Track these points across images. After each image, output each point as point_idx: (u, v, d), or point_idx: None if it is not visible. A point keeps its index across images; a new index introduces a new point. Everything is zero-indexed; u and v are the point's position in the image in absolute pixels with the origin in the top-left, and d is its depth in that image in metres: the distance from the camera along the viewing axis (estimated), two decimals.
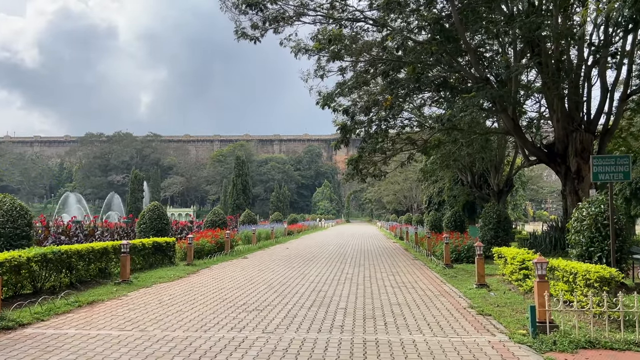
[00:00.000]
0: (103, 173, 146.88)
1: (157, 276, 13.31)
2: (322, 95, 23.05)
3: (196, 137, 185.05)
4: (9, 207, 11.79)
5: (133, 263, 14.58)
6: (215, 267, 16.08)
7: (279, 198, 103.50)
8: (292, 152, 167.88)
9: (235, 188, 71.78)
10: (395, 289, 11.58)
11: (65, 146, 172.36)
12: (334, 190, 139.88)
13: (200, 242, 19.39)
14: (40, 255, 9.64)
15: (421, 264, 17.64)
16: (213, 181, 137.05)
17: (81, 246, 11.33)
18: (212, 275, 14.08)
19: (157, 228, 20.27)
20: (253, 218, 37.36)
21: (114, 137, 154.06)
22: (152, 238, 16.75)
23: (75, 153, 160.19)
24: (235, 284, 12.32)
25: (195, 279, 13.27)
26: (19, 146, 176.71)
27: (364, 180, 25.82)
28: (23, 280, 9.41)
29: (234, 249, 21.70)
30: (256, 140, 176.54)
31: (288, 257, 20.27)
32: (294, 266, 16.68)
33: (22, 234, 11.80)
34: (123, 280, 11.74)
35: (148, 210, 20.63)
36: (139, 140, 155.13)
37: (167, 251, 16.71)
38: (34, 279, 9.80)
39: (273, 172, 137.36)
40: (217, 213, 29.43)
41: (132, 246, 14.03)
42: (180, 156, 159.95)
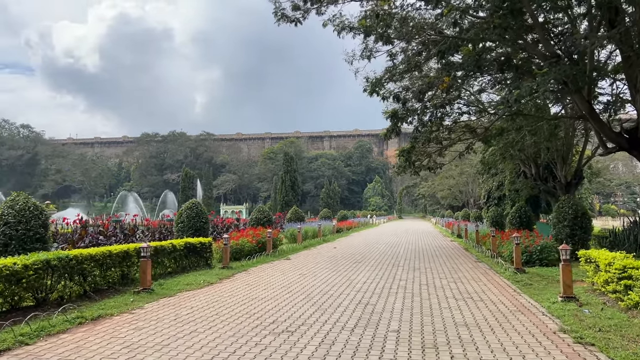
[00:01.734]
0: (159, 172, 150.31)
1: (186, 282, 11.87)
2: (369, 81, 21.11)
3: (248, 135, 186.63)
4: (22, 206, 10.64)
5: (162, 267, 13.27)
6: (252, 271, 14.54)
7: (329, 194, 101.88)
8: (342, 148, 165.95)
9: (284, 185, 70.70)
10: (460, 302, 9.57)
11: (123, 146, 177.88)
12: (385, 186, 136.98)
13: (239, 242, 17.96)
14: (41, 261, 8.32)
15: (486, 267, 15.43)
16: (264, 178, 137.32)
17: (95, 250, 10.00)
18: (246, 281, 12.51)
19: (195, 227, 18.98)
20: (300, 215, 35.87)
21: (168, 136, 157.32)
22: (185, 239, 15.40)
23: (133, 153, 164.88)
24: (269, 292, 10.67)
25: (226, 285, 11.73)
26: (80, 147, 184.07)
27: (417, 173, 23.64)
28: (21, 292, 8.10)
29: (277, 249, 20.17)
30: (306, 137, 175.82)
31: (334, 258, 18.51)
32: (339, 269, 14.89)
33: (35, 237, 10.62)
34: (143, 288, 10.33)
35: (186, 208, 19.39)
36: (193, 139, 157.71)
37: (202, 253, 15.32)
38: (37, 289, 8.49)
39: (323, 169, 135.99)
40: (262, 210, 28.04)
41: (159, 249, 12.69)
42: (233, 154, 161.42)
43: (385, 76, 20.87)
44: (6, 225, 10.39)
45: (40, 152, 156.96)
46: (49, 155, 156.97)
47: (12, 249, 10.30)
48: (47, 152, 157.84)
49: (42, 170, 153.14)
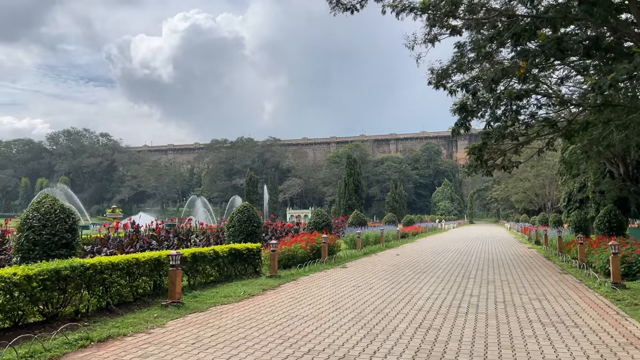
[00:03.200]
0: (227, 177, 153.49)
1: (224, 294, 10.61)
2: (434, 72, 19.24)
3: (313, 140, 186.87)
4: (47, 209, 9.80)
5: (203, 275, 12.15)
6: (302, 281, 13.11)
7: (395, 198, 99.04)
8: (409, 151, 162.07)
9: (347, 188, 69.06)
10: (549, 328, 7.61)
11: (195, 153, 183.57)
12: (455, 189, 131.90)
13: (292, 248, 16.63)
14: (49, 272, 7.29)
15: (574, 281, 13.12)
16: (329, 182, 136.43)
17: (119, 258, 8.93)
18: (292, 293, 11.08)
19: (246, 232, 17.86)
20: (362, 219, 34.17)
21: (236, 142, 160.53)
22: (231, 244, 14.26)
23: (203, 159, 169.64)
24: (314, 309, 9.16)
25: (268, 298, 10.35)
26: (155, 154, 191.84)
27: (490, 173, 21.33)
28: (24, 306, 7.09)
29: (334, 256, 18.67)
30: (372, 140, 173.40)
31: (396, 266, 16.73)
32: (399, 281, 13.14)
33: (61, 242, 9.74)
34: (172, 301, 9.14)
35: (237, 211, 18.34)
36: (260, 144, 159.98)
37: (249, 260, 14.11)
38: (46, 303, 7.47)
39: (389, 172, 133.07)
40: (320, 214, 26.65)
41: (198, 256, 11.54)
42: (298, 159, 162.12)
43: (452, 65, 18.95)
44: (30, 230, 9.57)
45: (118, 159, 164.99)
46: (126, 162, 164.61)
47: (35, 255, 9.46)
48: (123, 159, 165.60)
49: (119, 177, 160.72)
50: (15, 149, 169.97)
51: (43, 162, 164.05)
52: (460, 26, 17.33)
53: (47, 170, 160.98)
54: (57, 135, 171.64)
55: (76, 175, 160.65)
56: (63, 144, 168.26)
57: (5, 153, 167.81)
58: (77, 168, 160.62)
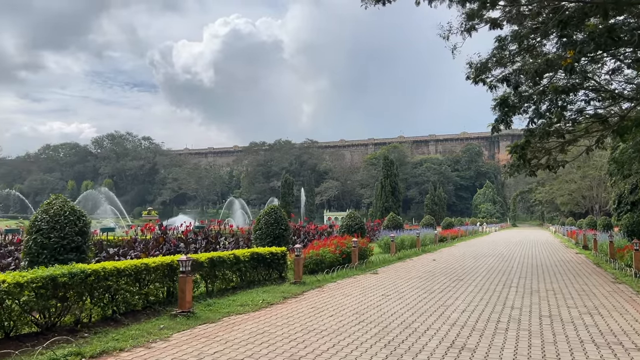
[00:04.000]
0: (265, 179, 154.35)
1: (241, 302, 9.92)
2: (473, 66, 18.13)
3: (351, 142, 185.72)
4: (56, 211, 9.36)
5: (224, 281, 11.51)
6: (328, 288, 12.29)
7: (434, 200, 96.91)
8: (449, 152, 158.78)
9: (384, 190, 67.69)
10: (604, 351, 6.53)
11: (234, 156, 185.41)
12: (497, 191, 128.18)
13: (320, 252, 15.81)
14: (43, 279, 6.74)
15: (630, 292, 11.79)
16: (367, 184, 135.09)
17: (125, 263, 8.35)
18: (315, 302, 10.28)
19: (273, 235, 17.24)
20: (398, 222, 33.05)
21: (274, 145, 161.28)
22: (254, 248, 13.59)
23: (242, 161, 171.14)
24: (335, 322, 8.33)
25: (288, 308, 9.58)
26: (195, 157, 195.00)
27: (533, 173, 19.96)
28: (15, 316, 6.55)
29: (365, 261, 17.75)
30: (410, 141, 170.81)
31: (431, 273, 15.69)
32: (433, 289, 12.14)
33: (70, 246, 9.28)
34: (181, 311, 8.49)
35: (264, 214, 17.72)
36: (297, 147, 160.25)
37: (273, 264, 13.40)
38: (41, 312, 6.93)
39: (428, 174, 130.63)
40: (353, 216, 25.79)
41: (217, 260, 10.90)
42: (335, 161, 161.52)
43: (491, 59, 17.80)
44: (38, 233, 9.16)
45: (159, 162, 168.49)
46: (167, 165, 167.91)
47: (43, 259, 9.04)
48: (165, 162, 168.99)
49: (161, 179, 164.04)
50: (63, 152, 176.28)
51: (88, 165, 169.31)
52: (500, 19, 16.24)
53: (92, 173, 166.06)
54: (102, 139, 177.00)
55: (120, 177, 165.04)
56: (107, 148, 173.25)
57: (53, 157, 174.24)
58: (120, 171, 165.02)
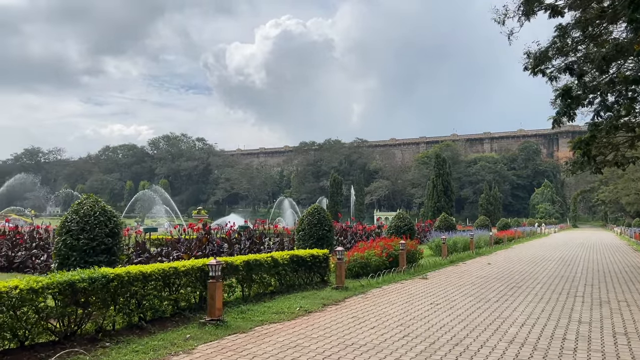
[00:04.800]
0: (315, 179, 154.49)
1: (277, 309, 9.29)
2: (531, 55, 16.83)
3: (402, 140, 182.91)
4: (86, 212, 9.03)
5: (261, 285, 10.94)
6: (372, 294, 11.48)
7: (489, 200, 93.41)
8: (505, 150, 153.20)
9: (436, 189, 65.63)
10: None
11: (284, 156, 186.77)
12: (556, 191, 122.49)
13: (365, 255, 14.99)
14: (60, 284, 6.32)
15: None
16: (418, 184, 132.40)
17: (152, 267, 7.88)
18: (356, 310, 9.51)
19: (317, 236, 16.63)
20: (451, 223, 31.67)
21: (324, 145, 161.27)
22: (295, 250, 12.97)
23: (292, 161, 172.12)
24: (376, 335, 7.54)
25: (326, 317, 8.86)
26: (247, 157, 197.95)
27: (599, 170, 18.33)
28: (31, 325, 6.14)
29: (414, 264, 16.77)
30: (464, 139, 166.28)
31: (485, 279, 14.55)
32: (488, 298, 11.09)
33: (99, 247, 8.93)
34: (211, 319, 7.92)
35: (307, 214, 17.12)
36: (347, 146, 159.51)
37: (314, 268, 12.73)
38: (60, 320, 6.52)
39: (483, 173, 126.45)
40: (402, 217, 24.78)
41: (253, 263, 10.32)
42: (386, 160, 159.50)
43: (552, 47, 16.46)
44: (68, 234, 8.87)
45: (213, 162, 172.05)
46: (220, 165, 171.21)
47: (72, 261, 8.74)
48: (218, 162, 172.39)
49: (214, 179, 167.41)
50: (121, 153, 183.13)
51: (145, 165, 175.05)
52: (561, 5, 14.92)
53: (149, 173, 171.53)
54: (158, 140, 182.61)
55: (175, 178, 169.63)
56: (163, 149, 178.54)
57: (112, 158, 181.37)
58: (175, 171, 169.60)
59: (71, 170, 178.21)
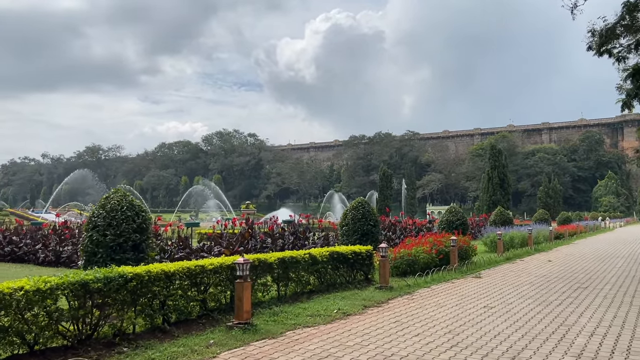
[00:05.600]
0: (365, 173, 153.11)
1: (313, 311, 8.59)
2: (596, 33, 15.35)
3: (455, 133, 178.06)
4: (113, 206, 8.62)
5: (299, 284, 10.29)
6: (420, 294, 10.58)
7: (548, 193, 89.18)
8: (565, 141, 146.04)
9: (491, 182, 62.95)
10: None
11: (334, 150, 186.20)
12: (621, 182, 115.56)
13: (413, 252, 14.05)
14: (72, 284, 5.86)
15: None
16: (472, 177, 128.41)
17: (176, 266, 7.34)
18: (399, 314, 8.66)
19: (361, 231, 15.82)
20: (507, 217, 29.99)
21: (374, 138, 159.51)
22: (334, 247, 12.23)
23: (342, 155, 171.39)
24: (420, 345, 6.68)
25: (366, 321, 8.08)
26: (297, 152, 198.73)
27: None
28: (40, 328, 5.69)
29: (467, 262, 15.66)
30: (520, 130, 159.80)
31: (546, 278, 13.30)
32: (550, 300, 9.95)
33: (126, 244, 8.51)
34: (238, 322, 7.30)
35: (351, 208, 16.34)
36: (398, 139, 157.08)
37: (357, 265, 11.96)
38: (74, 323, 6.06)
39: (541, 164, 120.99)
40: (454, 211, 23.55)
41: (289, 261, 9.67)
42: (438, 152, 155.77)
43: (620, 24, 14.97)
44: (95, 230, 8.49)
45: (264, 157, 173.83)
46: (271, 160, 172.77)
47: (98, 258, 8.36)
48: (269, 157, 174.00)
49: (266, 174, 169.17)
50: (176, 150, 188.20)
51: (199, 161, 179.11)
52: None
53: (203, 169, 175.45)
54: (211, 136, 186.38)
55: (228, 173, 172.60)
56: (216, 145, 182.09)
57: (168, 154, 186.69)
58: (228, 167, 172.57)
59: (130, 167, 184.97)
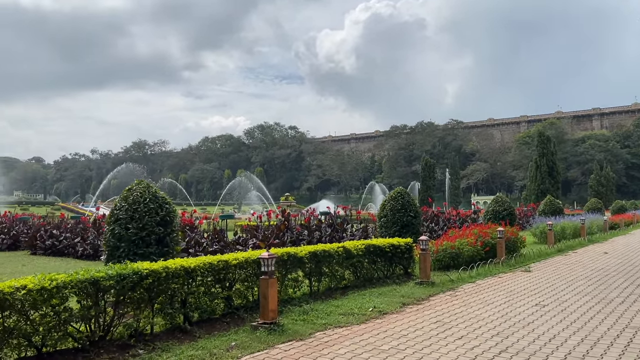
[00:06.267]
0: (407, 163, 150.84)
1: (346, 309, 7.97)
2: None
3: (500, 120, 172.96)
4: (136, 198, 8.23)
5: (333, 279, 9.71)
6: (463, 291, 9.79)
7: (600, 181, 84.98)
8: (617, 127, 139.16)
9: (539, 170, 60.29)
10: None
11: (375, 141, 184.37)
12: None
13: (456, 244, 13.20)
14: (81, 282, 5.45)
15: None
16: (519, 166, 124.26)
17: (197, 261, 6.85)
18: (441, 313, 7.93)
19: (401, 222, 15.06)
20: (557, 207, 28.38)
21: (416, 128, 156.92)
22: (371, 240, 11.56)
23: (383, 146, 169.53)
24: (463, 350, 5.96)
25: (403, 321, 7.39)
26: (337, 144, 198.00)
27: None
28: (46, 329, 5.29)
29: (515, 254, 14.66)
30: (569, 116, 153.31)
31: (603, 271, 12.20)
32: (610, 298, 8.97)
33: (149, 238, 8.11)
34: (263, 322, 6.76)
35: (390, 198, 15.60)
36: (441, 128, 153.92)
37: (395, 259, 11.26)
38: (86, 323, 5.67)
39: (592, 152, 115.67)
40: (501, 201, 22.38)
41: (321, 255, 9.07)
42: (483, 141, 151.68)
43: None
44: (117, 223, 8.13)
45: (305, 149, 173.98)
46: (312, 152, 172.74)
47: (120, 253, 8.00)
48: (309, 149, 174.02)
49: (306, 166, 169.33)
50: (219, 144, 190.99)
51: (242, 154, 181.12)
52: None
53: (245, 162, 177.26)
54: (253, 130, 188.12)
55: (269, 166, 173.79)
56: (258, 138, 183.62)
57: (211, 148, 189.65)
58: (270, 159, 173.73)
59: (175, 161, 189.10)
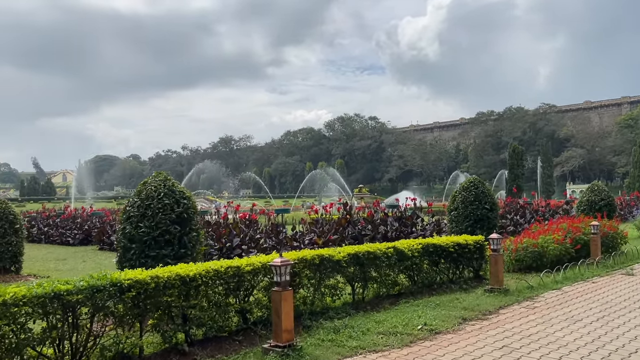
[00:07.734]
0: (495, 151, 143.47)
1: (389, 326, 6.49)
2: None
3: (598, 103, 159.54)
4: (149, 193, 7.26)
5: (384, 285, 8.26)
6: (544, 302, 7.92)
7: None
8: None
9: None
10: None
11: (460, 129, 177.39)
12: None
13: (539, 242, 11.15)
14: (39, 297, 4.47)
15: None
16: (621, 151, 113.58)
17: (201, 267, 5.67)
18: (509, 335, 6.22)
19: (474, 216, 13.10)
20: None
21: (504, 113, 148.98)
22: (430, 239, 9.90)
23: (468, 134, 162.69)
24: None
25: (458, 345, 5.79)
26: (420, 133, 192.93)
27: None
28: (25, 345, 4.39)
29: (614, 253, 12.28)
30: None
31: None
32: None
33: (163, 238, 7.09)
34: (276, 345, 5.46)
35: (461, 189, 13.68)
36: (531, 113, 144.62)
37: (463, 261, 9.55)
38: (53, 346, 4.71)
39: None
40: (598, 190, 19.43)
41: (366, 256, 7.65)
42: (579, 125, 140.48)
43: None
44: (128, 221, 7.20)
45: (385, 140, 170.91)
46: (392, 143, 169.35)
47: (132, 254, 7.05)
48: (390, 140, 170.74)
49: (387, 157, 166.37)
50: (301, 137, 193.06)
51: (322, 147, 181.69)
52: None
53: (326, 154, 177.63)
54: (333, 122, 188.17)
55: (350, 157, 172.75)
56: (338, 130, 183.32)
57: (293, 141, 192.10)
58: (350, 151, 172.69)
59: (259, 155, 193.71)
